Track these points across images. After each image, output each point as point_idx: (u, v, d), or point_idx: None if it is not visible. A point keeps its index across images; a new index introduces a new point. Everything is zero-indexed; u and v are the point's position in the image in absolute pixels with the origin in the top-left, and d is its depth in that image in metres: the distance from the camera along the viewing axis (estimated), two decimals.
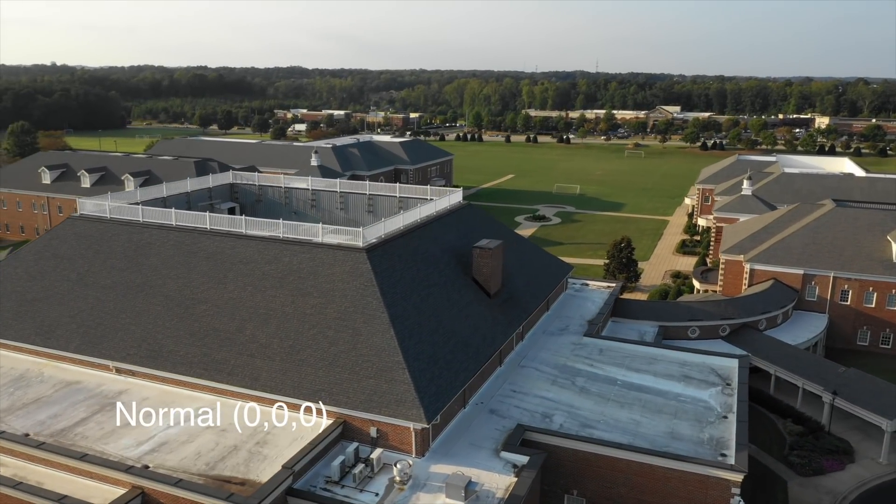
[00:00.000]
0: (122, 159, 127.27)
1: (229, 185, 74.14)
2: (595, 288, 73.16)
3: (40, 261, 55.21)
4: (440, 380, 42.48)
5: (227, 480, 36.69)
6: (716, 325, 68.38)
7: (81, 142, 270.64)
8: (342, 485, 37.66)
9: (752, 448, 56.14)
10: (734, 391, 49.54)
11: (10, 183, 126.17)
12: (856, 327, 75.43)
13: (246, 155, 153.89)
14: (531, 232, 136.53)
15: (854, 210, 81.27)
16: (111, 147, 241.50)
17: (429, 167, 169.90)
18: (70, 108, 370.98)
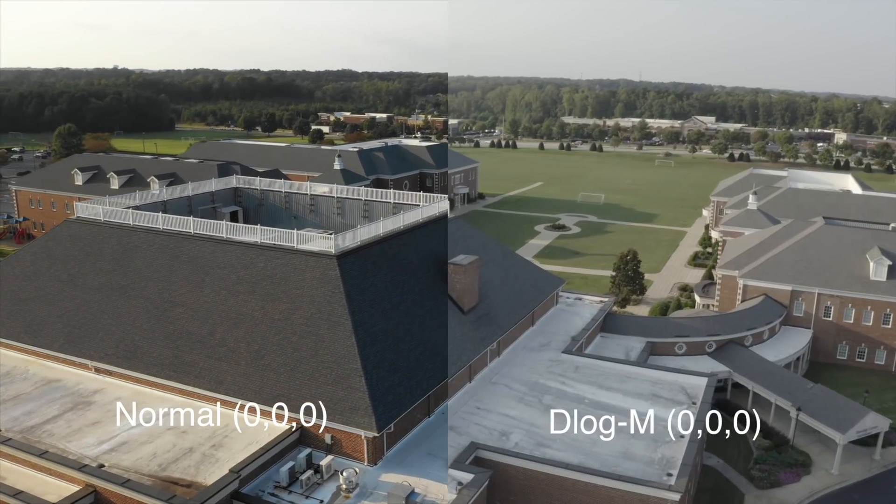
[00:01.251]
0: (151, 162, 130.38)
1: (233, 189, 75.30)
2: (588, 302, 72.42)
3: (36, 261, 56.97)
4: (399, 388, 42.58)
5: (176, 482, 37.33)
6: (702, 342, 67.11)
7: (127, 143, 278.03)
8: (290, 490, 37.99)
9: (718, 462, 55.51)
10: (703, 409, 48.63)
11: (46, 184, 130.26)
12: (836, 342, 74.88)
13: (273, 158, 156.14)
14: (548, 242, 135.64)
15: (840, 228, 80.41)
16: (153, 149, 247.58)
17: (452, 174, 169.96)
18: (121, 111, 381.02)
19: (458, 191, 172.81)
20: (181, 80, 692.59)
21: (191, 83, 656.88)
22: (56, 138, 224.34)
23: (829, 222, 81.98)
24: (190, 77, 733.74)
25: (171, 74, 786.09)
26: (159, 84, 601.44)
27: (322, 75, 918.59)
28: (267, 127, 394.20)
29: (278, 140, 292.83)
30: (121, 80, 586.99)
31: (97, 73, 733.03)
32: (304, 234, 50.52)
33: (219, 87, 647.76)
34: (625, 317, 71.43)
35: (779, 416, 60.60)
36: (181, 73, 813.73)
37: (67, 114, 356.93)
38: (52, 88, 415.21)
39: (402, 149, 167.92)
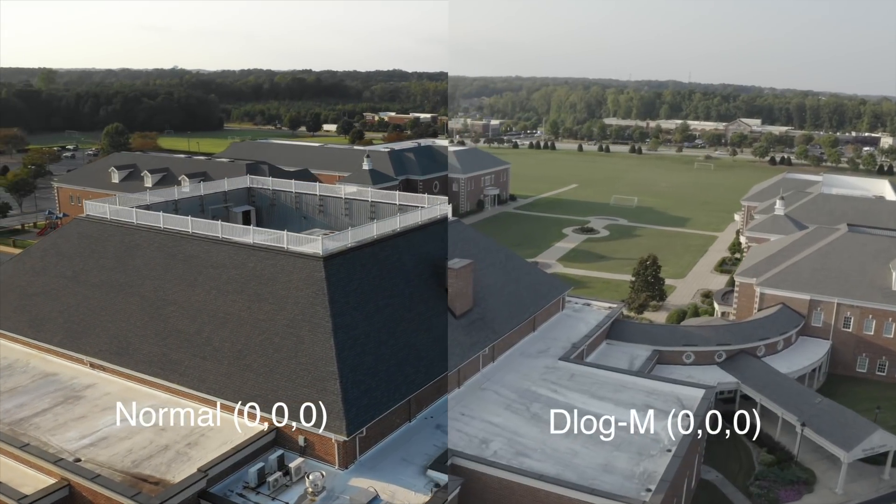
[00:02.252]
0: (184, 161, 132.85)
1: (246, 188, 76.01)
2: (596, 308, 70.93)
3: (45, 257, 58.28)
4: (376, 392, 42.16)
5: (145, 479, 37.59)
6: (711, 351, 65.00)
7: (174, 142, 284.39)
8: (258, 492, 37.94)
9: (717, 477, 53.62)
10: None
11: (85, 181, 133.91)
12: (856, 354, 71.44)
13: (305, 158, 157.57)
14: (574, 245, 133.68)
15: (864, 236, 76.48)
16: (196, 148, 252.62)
17: (482, 175, 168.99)
18: (171, 110, 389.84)
19: (488, 192, 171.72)
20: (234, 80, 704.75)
21: (242, 83, 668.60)
22: (104, 137, 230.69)
23: (853, 229, 78.54)
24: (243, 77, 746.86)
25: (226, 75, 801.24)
26: (211, 84, 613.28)
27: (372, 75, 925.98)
28: (312, 126, 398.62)
29: (321, 139, 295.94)
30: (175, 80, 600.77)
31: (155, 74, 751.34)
32: (294, 235, 50.45)
33: (269, 87, 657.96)
34: (632, 324, 69.72)
35: (786, 430, 58.30)
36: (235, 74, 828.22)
37: (121, 113, 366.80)
38: (108, 89, 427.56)
39: (433, 150, 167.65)
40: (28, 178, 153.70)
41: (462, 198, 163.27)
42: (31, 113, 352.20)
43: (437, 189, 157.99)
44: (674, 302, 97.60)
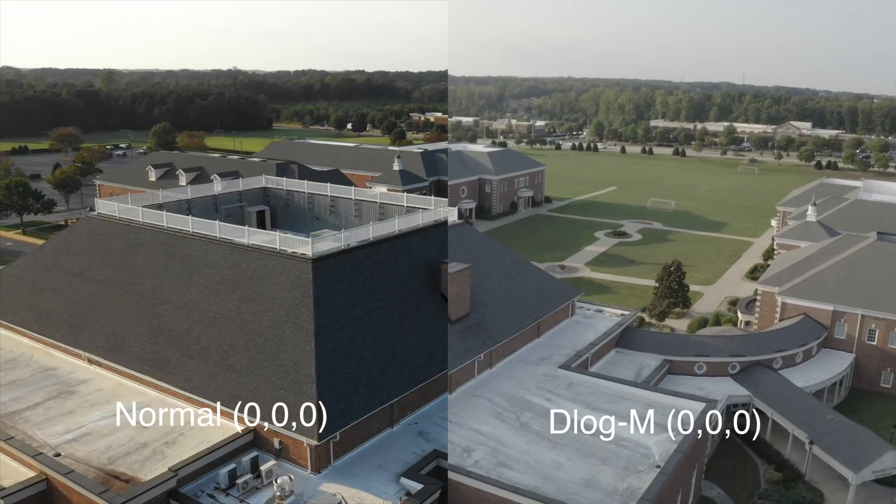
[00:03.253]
0: (218, 160, 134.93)
1: (262, 188, 76.40)
2: (608, 315, 69.01)
3: (56, 254, 59.43)
4: (354, 397, 41.55)
5: (117, 476, 37.70)
6: (724, 362, 62.53)
7: (220, 141, 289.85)
8: (227, 493, 37.70)
9: (719, 494, 51.51)
10: (682, 439, 45.02)
11: (124, 179, 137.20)
12: (880, 369, 67.66)
13: (339, 158, 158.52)
14: (605, 249, 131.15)
15: (893, 245, 72.31)
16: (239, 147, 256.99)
17: (516, 177, 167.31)
18: (222, 110, 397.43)
19: (522, 194, 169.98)
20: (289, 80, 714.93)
21: (293, 84, 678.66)
22: (152, 136, 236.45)
23: (883, 238, 74.64)
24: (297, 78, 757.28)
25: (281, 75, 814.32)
26: (263, 84, 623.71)
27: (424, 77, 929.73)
28: (357, 126, 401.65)
29: (364, 139, 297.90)
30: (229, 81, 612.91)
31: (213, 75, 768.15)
32: (287, 236, 50.16)
33: (320, 87, 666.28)
34: (643, 332, 67.61)
35: (796, 447, 55.68)
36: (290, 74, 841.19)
37: (173, 113, 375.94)
38: (163, 89, 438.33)
39: (463, 154, 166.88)
40: (74, 175, 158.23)
41: (495, 199, 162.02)
42: (89, 112, 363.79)
43: (465, 193, 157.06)
44: (699, 309, 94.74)
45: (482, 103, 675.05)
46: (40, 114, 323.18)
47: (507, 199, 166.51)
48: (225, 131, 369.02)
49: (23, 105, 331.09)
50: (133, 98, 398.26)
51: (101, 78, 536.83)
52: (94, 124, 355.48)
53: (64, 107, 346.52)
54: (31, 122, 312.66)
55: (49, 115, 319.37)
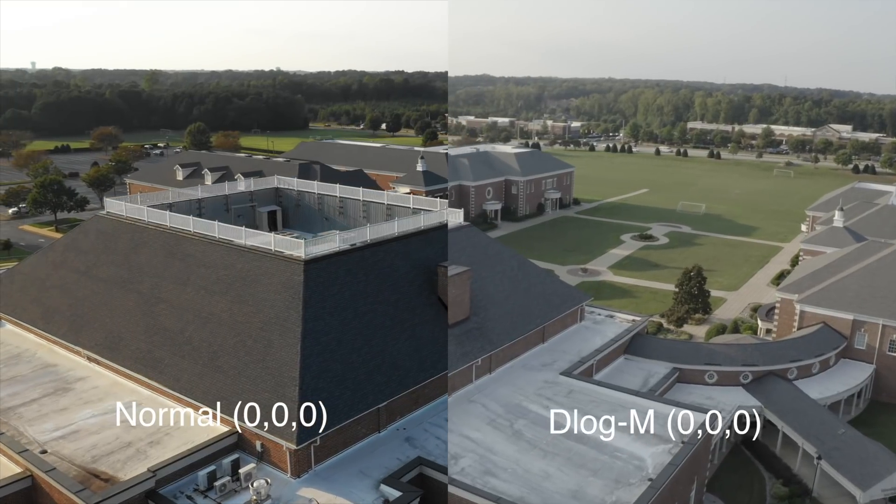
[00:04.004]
0: (243, 160, 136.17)
1: (274, 189, 76.54)
2: (619, 321, 67.36)
3: (65, 252, 60.15)
4: (338, 401, 40.95)
5: (98, 475, 37.69)
6: (735, 372, 60.45)
7: (255, 141, 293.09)
8: (206, 495, 37.43)
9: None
10: (676, 452, 43.44)
11: (153, 178, 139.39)
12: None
13: (364, 158, 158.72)
14: (630, 252, 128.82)
15: None
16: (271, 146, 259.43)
17: (543, 179, 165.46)
18: (259, 110, 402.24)
19: (550, 195, 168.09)
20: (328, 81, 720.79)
21: (332, 84, 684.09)
22: (187, 136, 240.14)
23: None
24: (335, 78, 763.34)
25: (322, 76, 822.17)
26: (302, 85, 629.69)
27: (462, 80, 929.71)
28: (392, 127, 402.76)
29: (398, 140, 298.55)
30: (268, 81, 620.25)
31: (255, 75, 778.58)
32: (283, 238, 49.83)
33: (357, 87, 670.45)
34: (653, 339, 65.80)
35: (806, 461, 53.49)
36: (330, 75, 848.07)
37: (212, 112, 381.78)
38: (202, 89, 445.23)
39: (490, 155, 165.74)
40: (108, 174, 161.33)
41: (521, 201, 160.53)
42: (132, 112, 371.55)
43: (491, 195, 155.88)
44: (721, 316, 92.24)
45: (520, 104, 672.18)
46: (84, 113, 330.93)
47: (534, 201, 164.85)
48: (262, 131, 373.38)
49: (68, 105, 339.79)
50: (174, 98, 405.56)
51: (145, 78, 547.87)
52: (136, 124, 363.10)
53: (107, 107, 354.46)
54: (75, 121, 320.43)
55: (92, 115, 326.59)
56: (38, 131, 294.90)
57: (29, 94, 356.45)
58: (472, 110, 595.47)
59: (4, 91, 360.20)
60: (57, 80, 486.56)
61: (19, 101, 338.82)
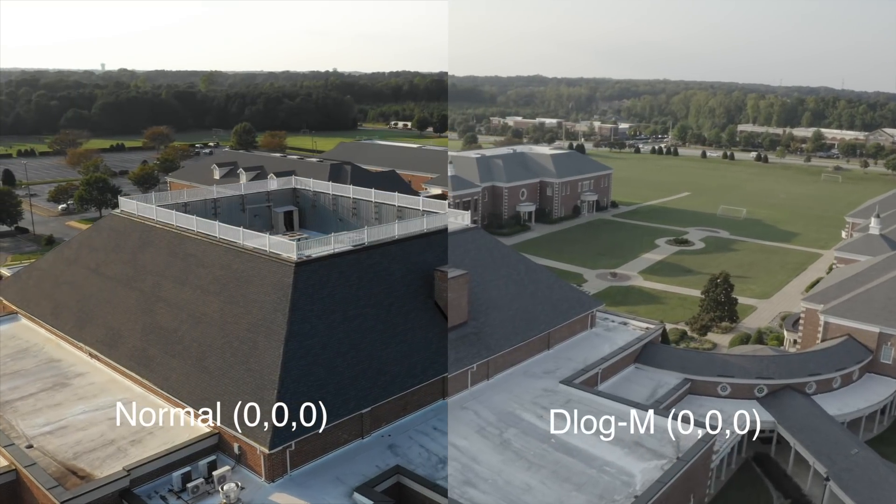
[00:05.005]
0: (278, 160, 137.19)
1: (291, 189, 76.57)
2: (632, 328, 65.08)
3: (79, 249, 61.05)
4: (318, 406, 40.14)
5: (76, 472, 37.73)
6: (750, 384, 57.60)
7: (301, 141, 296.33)
8: (179, 496, 37.12)
9: None
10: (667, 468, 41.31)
11: (191, 177, 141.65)
12: None
13: (399, 159, 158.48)
14: (663, 257, 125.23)
15: None
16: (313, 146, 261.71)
17: (579, 181, 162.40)
18: (308, 111, 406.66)
19: (586, 198, 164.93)
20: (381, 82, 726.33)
21: (383, 85, 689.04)
22: (233, 135, 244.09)
23: None
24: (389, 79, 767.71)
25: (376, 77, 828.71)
26: (354, 86, 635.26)
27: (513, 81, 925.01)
28: (438, 128, 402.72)
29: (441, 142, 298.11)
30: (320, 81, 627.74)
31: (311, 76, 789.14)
32: (278, 239, 49.33)
33: (408, 89, 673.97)
34: (665, 348, 63.24)
35: (817, 481, 50.51)
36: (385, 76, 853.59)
37: (263, 113, 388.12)
38: (255, 90, 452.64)
39: (526, 156, 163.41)
40: (152, 172, 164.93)
41: (556, 203, 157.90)
42: (186, 112, 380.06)
43: (525, 196, 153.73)
44: (749, 324, 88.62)
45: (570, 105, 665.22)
46: (140, 113, 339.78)
47: (570, 203, 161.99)
48: (310, 131, 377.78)
49: (125, 105, 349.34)
50: (226, 98, 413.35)
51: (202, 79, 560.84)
52: (191, 123, 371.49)
53: (162, 107, 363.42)
54: (131, 121, 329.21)
55: (148, 115, 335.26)
56: (97, 131, 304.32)
57: (90, 94, 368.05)
58: (521, 111, 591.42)
59: (68, 92, 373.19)
60: (118, 81, 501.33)
61: (81, 101, 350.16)
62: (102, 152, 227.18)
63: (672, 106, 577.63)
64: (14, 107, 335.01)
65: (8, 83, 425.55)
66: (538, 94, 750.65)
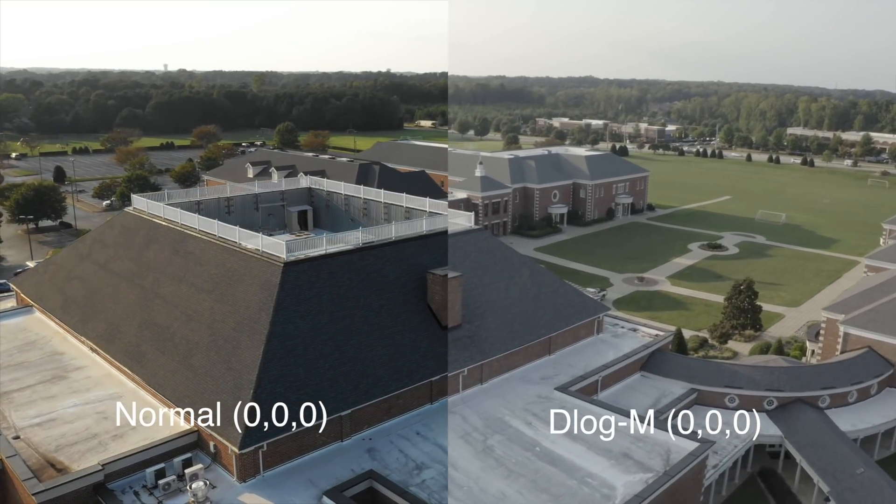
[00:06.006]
0: (310, 159, 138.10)
1: (307, 189, 76.61)
2: (642, 335, 63.02)
3: (92, 245, 62.07)
4: (294, 407, 39.54)
5: (54, 464, 38.05)
6: (759, 396, 55.07)
7: (343, 140, 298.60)
8: (150, 493, 37.10)
9: None
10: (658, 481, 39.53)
11: (227, 175, 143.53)
12: None
13: (432, 159, 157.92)
14: (694, 262, 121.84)
15: None
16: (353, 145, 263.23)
17: (614, 183, 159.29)
18: (355, 111, 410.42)
19: (621, 200, 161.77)
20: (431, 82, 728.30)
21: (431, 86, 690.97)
22: (276, 134, 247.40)
23: None
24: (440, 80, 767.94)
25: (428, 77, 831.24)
26: (402, 86, 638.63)
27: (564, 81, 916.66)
28: (480, 130, 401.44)
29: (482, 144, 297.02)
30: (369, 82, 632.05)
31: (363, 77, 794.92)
32: (271, 239, 49.08)
33: (454, 91, 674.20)
34: (673, 356, 60.99)
35: (821, 500, 47.89)
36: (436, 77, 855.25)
37: (310, 112, 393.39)
38: (302, 90, 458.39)
39: (560, 158, 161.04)
40: (192, 170, 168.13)
41: (589, 205, 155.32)
42: (236, 111, 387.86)
43: (557, 198, 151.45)
44: (774, 333, 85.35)
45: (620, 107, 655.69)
46: (191, 112, 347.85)
47: (604, 205, 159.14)
48: (356, 131, 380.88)
49: (178, 105, 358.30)
50: (275, 98, 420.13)
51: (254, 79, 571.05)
52: (241, 123, 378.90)
53: (213, 106, 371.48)
54: (182, 120, 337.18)
55: (199, 114, 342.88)
56: (149, 129, 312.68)
57: (146, 94, 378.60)
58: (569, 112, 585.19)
59: (125, 91, 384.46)
60: (174, 81, 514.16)
61: (137, 101, 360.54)
62: (151, 150, 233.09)
63: (723, 108, 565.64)
64: (74, 106, 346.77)
65: (70, 83, 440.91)
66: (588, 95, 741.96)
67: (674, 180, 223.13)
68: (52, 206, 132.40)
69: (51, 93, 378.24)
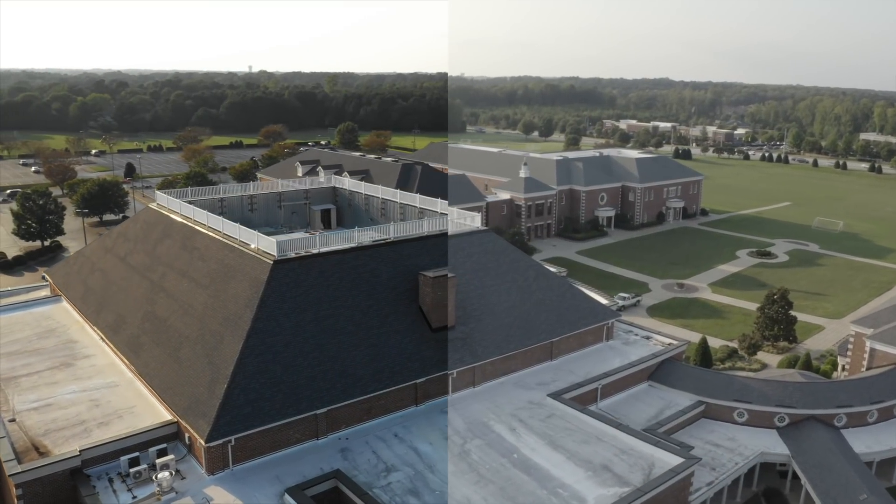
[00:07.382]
0: (356, 159, 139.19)
1: (332, 188, 76.98)
2: (654, 343, 60.40)
3: (116, 238, 63.92)
4: (266, 403, 39.55)
5: (37, 448, 39.09)
6: (769, 412, 51.79)
7: (403, 140, 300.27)
8: (123, 480, 37.60)
9: None
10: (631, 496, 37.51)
11: (278, 173, 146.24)
12: None
13: (477, 162, 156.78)
14: (740, 269, 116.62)
15: None
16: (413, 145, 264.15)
17: (664, 187, 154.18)
18: (420, 112, 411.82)
19: (672, 204, 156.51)
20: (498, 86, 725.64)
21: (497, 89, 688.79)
22: (337, 134, 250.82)
23: None
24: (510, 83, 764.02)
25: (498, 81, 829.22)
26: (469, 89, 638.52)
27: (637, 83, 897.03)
28: (544, 132, 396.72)
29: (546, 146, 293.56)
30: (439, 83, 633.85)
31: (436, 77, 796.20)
32: (267, 237, 49.14)
33: (523, 92, 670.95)
34: (682, 367, 58.06)
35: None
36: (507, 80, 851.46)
37: (377, 113, 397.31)
38: (370, 91, 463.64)
39: (611, 160, 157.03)
40: (250, 168, 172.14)
41: (637, 208, 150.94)
42: (306, 112, 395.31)
43: (605, 201, 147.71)
44: (811, 345, 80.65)
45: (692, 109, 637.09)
46: (263, 112, 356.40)
47: (653, 209, 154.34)
48: (421, 132, 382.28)
49: (250, 104, 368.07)
50: (344, 99, 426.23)
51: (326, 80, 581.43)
52: (311, 123, 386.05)
53: (284, 106, 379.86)
54: (254, 119, 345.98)
55: (269, 114, 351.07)
56: (222, 129, 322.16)
57: (222, 94, 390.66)
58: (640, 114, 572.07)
59: (202, 92, 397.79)
60: (251, 82, 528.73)
61: (212, 101, 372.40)
62: (220, 149, 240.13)
63: (797, 112, 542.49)
64: (154, 105, 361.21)
65: (154, 84, 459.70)
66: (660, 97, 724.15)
67: (734, 185, 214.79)
68: (115, 201, 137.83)
69: (135, 93, 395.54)
